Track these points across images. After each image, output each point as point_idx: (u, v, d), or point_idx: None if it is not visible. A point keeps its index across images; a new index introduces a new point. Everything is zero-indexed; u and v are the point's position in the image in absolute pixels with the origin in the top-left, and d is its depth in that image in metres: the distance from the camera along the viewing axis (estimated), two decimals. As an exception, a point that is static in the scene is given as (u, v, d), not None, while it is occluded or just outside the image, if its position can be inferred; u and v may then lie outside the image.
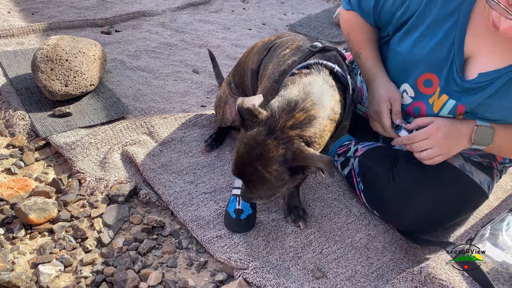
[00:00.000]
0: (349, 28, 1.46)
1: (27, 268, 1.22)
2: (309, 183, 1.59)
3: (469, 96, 1.18)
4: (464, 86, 1.17)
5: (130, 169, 1.59)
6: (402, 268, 1.31)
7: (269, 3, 3.54)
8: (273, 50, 1.38)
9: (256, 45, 1.55)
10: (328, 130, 1.11)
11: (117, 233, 1.36)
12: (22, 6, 2.80)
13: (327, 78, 1.16)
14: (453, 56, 1.18)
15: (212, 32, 2.85)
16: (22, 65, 2.11)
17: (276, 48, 1.37)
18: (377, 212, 1.44)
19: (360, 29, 1.42)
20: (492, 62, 1.14)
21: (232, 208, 1.35)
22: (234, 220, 1.34)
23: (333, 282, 1.24)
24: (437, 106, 1.25)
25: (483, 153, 1.35)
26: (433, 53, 1.20)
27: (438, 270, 1.07)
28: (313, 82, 1.13)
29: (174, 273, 1.25)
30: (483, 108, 1.18)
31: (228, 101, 1.63)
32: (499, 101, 1.15)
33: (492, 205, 1.56)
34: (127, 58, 2.36)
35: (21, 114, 1.77)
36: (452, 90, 1.20)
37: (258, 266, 1.22)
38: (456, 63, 1.17)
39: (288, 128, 1.04)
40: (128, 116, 1.87)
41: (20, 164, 1.57)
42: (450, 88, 1.20)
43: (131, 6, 3.05)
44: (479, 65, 1.16)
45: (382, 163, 1.41)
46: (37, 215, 1.33)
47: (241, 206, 1.34)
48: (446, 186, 1.31)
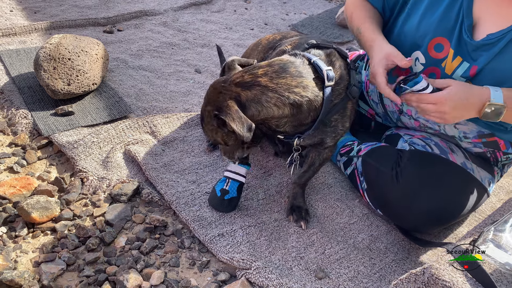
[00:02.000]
0: (353, 7, 1.48)
1: (30, 266, 1.22)
2: (312, 183, 1.59)
3: (481, 54, 1.20)
4: (475, 45, 1.20)
5: (132, 168, 1.59)
6: (404, 269, 1.31)
7: (271, 3, 3.54)
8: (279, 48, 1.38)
9: (261, 42, 1.56)
10: (277, 106, 1.11)
11: (119, 232, 1.36)
12: (25, 5, 2.80)
13: (302, 65, 1.16)
14: (462, 19, 1.22)
15: (214, 32, 2.85)
16: (25, 63, 2.11)
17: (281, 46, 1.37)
18: (381, 210, 1.44)
19: (363, 7, 1.44)
20: (499, 23, 1.17)
21: (219, 187, 1.41)
22: (218, 198, 1.41)
23: (336, 283, 1.24)
24: (450, 68, 1.26)
25: (487, 141, 1.36)
26: (442, 19, 1.25)
27: (441, 271, 1.07)
28: (283, 60, 1.16)
29: (176, 273, 1.25)
30: (494, 68, 1.18)
31: None
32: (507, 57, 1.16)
33: (495, 207, 1.56)
34: (129, 57, 2.36)
35: (23, 113, 1.77)
36: (464, 51, 1.23)
37: (261, 266, 1.22)
38: (465, 25, 1.21)
39: (233, 84, 1.11)
40: (131, 115, 1.87)
41: (22, 163, 1.56)
42: (462, 49, 1.23)
43: (133, 5, 3.05)
44: (487, 27, 1.20)
45: (385, 162, 1.41)
46: (40, 213, 1.33)
47: (229, 188, 1.41)
48: (448, 184, 1.32)
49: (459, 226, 1.47)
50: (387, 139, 1.58)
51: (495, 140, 1.36)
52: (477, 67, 1.21)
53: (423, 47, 1.30)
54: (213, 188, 1.43)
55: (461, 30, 1.23)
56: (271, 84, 1.11)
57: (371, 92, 1.61)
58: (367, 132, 1.76)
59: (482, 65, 1.20)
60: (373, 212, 1.51)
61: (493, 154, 1.40)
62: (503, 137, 1.35)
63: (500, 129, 1.33)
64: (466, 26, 1.22)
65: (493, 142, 1.37)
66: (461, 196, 1.34)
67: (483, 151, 1.40)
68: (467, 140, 1.39)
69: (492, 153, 1.40)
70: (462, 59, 1.24)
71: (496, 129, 1.33)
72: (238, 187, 1.42)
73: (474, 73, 1.22)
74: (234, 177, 1.41)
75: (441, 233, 1.44)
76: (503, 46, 1.16)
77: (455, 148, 1.41)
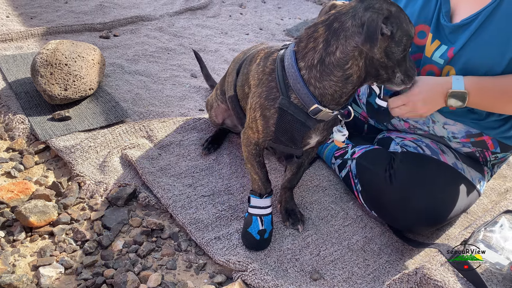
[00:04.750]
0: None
1: (28, 270, 1.23)
2: (306, 186, 1.61)
3: (457, 36, 1.27)
4: (451, 27, 1.28)
5: (129, 173, 1.61)
6: (398, 270, 1.33)
7: (266, 8, 3.58)
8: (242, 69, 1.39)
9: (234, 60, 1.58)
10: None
11: (116, 235, 1.37)
12: (21, 11, 2.82)
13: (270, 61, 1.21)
14: (440, 6, 1.31)
15: (209, 37, 2.87)
16: (21, 69, 2.12)
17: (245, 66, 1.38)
18: (375, 212, 1.47)
19: None
20: (473, 8, 1.25)
21: (256, 230, 1.33)
22: (258, 241, 1.32)
23: (330, 284, 1.26)
24: (429, 51, 1.33)
25: (475, 140, 1.40)
26: (423, 8, 1.34)
27: (433, 271, 1.09)
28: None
29: (173, 275, 1.27)
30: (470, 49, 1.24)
31: (213, 105, 1.67)
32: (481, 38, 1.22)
33: (487, 208, 1.59)
34: (126, 62, 2.37)
35: (20, 118, 1.79)
36: (442, 35, 1.30)
37: (257, 268, 1.24)
38: (443, 11, 1.30)
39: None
40: (127, 120, 1.89)
41: (20, 168, 1.58)
42: (440, 33, 1.31)
43: (129, 10, 3.07)
44: (463, 12, 1.28)
45: (379, 164, 1.44)
46: (38, 218, 1.34)
47: (265, 226, 1.34)
48: (441, 184, 1.35)
49: (451, 227, 1.50)
50: (379, 142, 1.61)
51: (483, 139, 1.40)
52: (454, 48, 1.27)
53: None
54: (247, 232, 1.33)
55: (439, 16, 1.31)
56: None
57: (361, 95, 1.64)
58: (360, 135, 1.78)
59: (459, 46, 1.25)
60: (367, 214, 1.53)
61: (482, 153, 1.43)
62: (491, 134, 1.38)
63: (487, 126, 1.37)
64: (444, 12, 1.30)
65: (481, 142, 1.40)
66: (453, 196, 1.36)
67: (472, 150, 1.43)
68: (456, 140, 1.42)
69: (481, 153, 1.43)
70: (440, 43, 1.31)
71: (483, 127, 1.38)
72: (271, 220, 1.38)
73: (452, 55, 1.27)
74: (265, 213, 1.36)
75: (434, 234, 1.46)
76: (477, 27, 1.22)
77: (445, 149, 1.44)
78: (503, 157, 1.47)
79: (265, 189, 1.37)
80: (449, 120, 1.40)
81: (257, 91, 1.22)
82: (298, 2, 3.83)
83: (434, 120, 1.43)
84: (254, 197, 1.37)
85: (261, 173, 1.35)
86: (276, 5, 3.71)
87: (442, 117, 1.40)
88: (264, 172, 1.36)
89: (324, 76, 1.10)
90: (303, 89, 1.12)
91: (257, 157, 1.34)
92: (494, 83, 1.22)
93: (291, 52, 1.14)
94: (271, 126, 1.21)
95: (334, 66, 1.08)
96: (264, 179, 1.36)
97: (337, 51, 1.06)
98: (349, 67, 1.07)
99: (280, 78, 1.16)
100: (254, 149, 1.32)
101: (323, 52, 1.08)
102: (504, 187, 1.71)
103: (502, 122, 1.36)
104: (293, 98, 1.15)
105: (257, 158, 1.34)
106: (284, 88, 1.15)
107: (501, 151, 1.43)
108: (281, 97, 1.16)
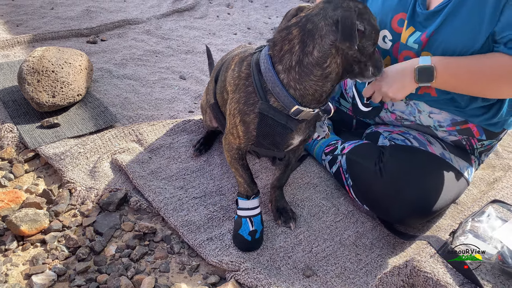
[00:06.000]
0: None
1: (21, 279, 1.23)
2: (297, 183, 1.62)
3: (430, 22, 1.30)
4: (426, 14, 1.31)
5: (120, 177, 1.61)
6: (390, 263, 1.34)
7: (253, 7, 3.58)
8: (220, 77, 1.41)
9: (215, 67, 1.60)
10: None
11: (109, 240, 1.37)
12: (6, 18, 2.80)
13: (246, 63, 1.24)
14: None
15: (197, 38, 2.87)
16: (8, 77, 2.11)
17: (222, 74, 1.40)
18: (367, 205, 1.48)
19: None
20: None
21: (246, 231, 1.34)
22: (250, 242, 1.33)
23: (323, 280, 1.27)
24: (404, 37, 1.36)
25: (460, 128, 1.42)
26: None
27: (422, 263, 1.10)
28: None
29: (167, 278, 1.27)
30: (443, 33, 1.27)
31: (207, 110, 1.67)
32: (453, 22, 1.25)
33: (476, 198, 1.60)
34: (114, 66, 2.37)
35: (9, 127, 1.78)
36: (416, 22, 1.34)
37: (249, 267, 1.25)
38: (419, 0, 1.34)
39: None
40: (116, 124, 1.89)
41: (9, 177, 1.57)
42: (415, 20, 1.34)
43: (116, 14, 3.06)
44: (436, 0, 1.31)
45: (368, 158, 1.46)
46: (29, 226, 1.34)
47: (255, 226, 1.34)
48: (430, 175, 1.37)
49: (442, 218, 1.51)
50: (367, 137, 1.62)
51: (468, 127, 1.42)
52: (426, 33, 1.30)
53: (388, 25, 1.41)
54: (238, 234, 1.34)
55: (415, 4, 1.34)
56: None
57: (348, 89, 1.65)
58: (349, 131, 1.80)
59: (431, 30, 1.28)
60: (359, 209, 1.54)
61: (468, 141, 1.46)
62: (475, 121, 1.40)
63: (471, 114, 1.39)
64: (420, 0, 1.34)
65: (466, 129, 1.43)
66: (443, 185, 1.38)
67: (458, 139, 1.45)
68: (442, 129, 1.45)
69: (467, 141, 1.45)
70: (414, 29, 1.34)
71: (467, 114, 1.40)
72: (261, 219, 1.39)
73: (426, 39, 1.30)
74: (254, 214, 1.37)
75: (425, 226, 1.48)
76: (450, 11, 1.25)
77: (432, 140, 1.46)
78: (490, 145, 1.49)
79: (251, 190, 1.38)
80: (434, 109, 1.42)
81: (234, 97, 1.23)
82: (285, 0, 3.83)
83: (420, 109, 1.45)
84: (241, 199, 1.38)
85: (245, 176, 1.36)
86: (263, 4, 3.71)
87: (427, 106, 1.43)
88: (248, 174, 1.37)
89: (303, 77, 1.10)
90: (283, 92, 1.13)
91: (240, 160, 1.35)
92: (460, 60, 1.25)
93: (267, 56, 1.15)
94: (252, 131, 1.22)
95: (313, 65, 1.09)
96: (249, 180, 1.37)
97: (314, 50, 1.07)
98: (328, 65, 1.09)
99: (257, 83, 1.16)
100: (236, 154, 1.33)
101: (300, 53, 1.09)
102: (493, 177, 1.73)
103: (485, 110, 1.38)
104: (273, 101, 1.16)
105: (240, 162, 1.35)
106: (263, 92, 1.16)
107: (487, 138, 1.45)
108: (260, 101, 1.16)
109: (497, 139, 1.49)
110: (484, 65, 1.22)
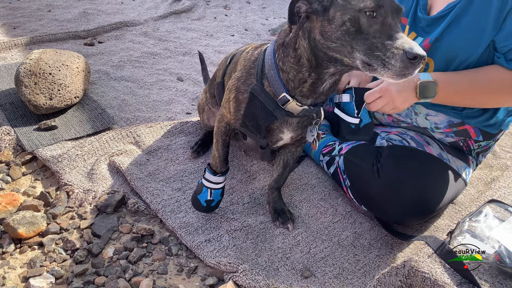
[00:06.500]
0: None
1: (18, 282, 1.23)
2: (295, 184, 1.62)
3: (433, 28, 1.31)
4: (428, 19, 1.32)
5: (117, 179, 1.60)
6: (388, 264, 1.34)
7: (250, 9, 3.58)
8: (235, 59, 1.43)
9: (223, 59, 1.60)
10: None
11: (107, 243, 1.37)
12: (3, 21, 2.80)
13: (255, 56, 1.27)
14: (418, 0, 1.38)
15: (195, 40, 2.88)
16: (5, 80, 2.11)
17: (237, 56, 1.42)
18: (365, 206, 1.48)
19: None
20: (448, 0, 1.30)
21: (204, 198, 1.42)
22: (203, 207, 1.44)
23: (321, 281, 1.27)
24: None
25: (457, 130, 1.43)
26: (402, 2, 1.38)
27: (420, 263, 1.10)
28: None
29: (165, 280, 1.27)
30: (446, 39, 1.28)
31: (205, 109, 1.68)
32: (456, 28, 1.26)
33: (474, 198, 1.60)
34: (111, 68, 2.37)
35: (6, 129, 1.78)
36: (418, 27, 1.35)
37: (248, 268, 1.25)
38: (420, 5, 1.35)
39: None
40: (114, 126, 1.88)
41: (7, 179, 1.57)
42: (416, 25, 1.35)
43: (113, 17, 3.06)
44: (438, 5, 1.32)
45: (366, 158, 1.46)
46: (26, 229, 1.34)
47: (213, 197, 1.42)
48: (427, 175, 1.37)
49: (440, 218, 1.51)
50: (365, 137, 1.62)
51: (465, 128, 1.43)
52: (429, 39, 1.30)
53: None
54: (196, 198, 1.43)
55: (417, 9, 1.35)
56: None
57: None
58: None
59: (435, 37, 1.29)
60: (356, 210, 1.54)
61: (465, 143, 1.46)
62: (471, 123, 1.41)
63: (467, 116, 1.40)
64: (421, 5, 1.35)
65: (463, 131, 1.43)
66: (441, 186, 1.38)
67: (455, 140, 1.46)
68: (439, 131, 1.45)
69: (464, 142, 1.46)
70: (416, 34, 1.35)
71: (464, 116, 1.41)
72: (221, 192, 1.45)
73: (429, 45, 1.31)
74: (216, 187, 1.42)
75: (422, 227, 1.48)
76: (453, 18, 1.26)
77: (430, 141, 1.46)
78: (486, 146, 1.50)
79: (220, 167, 1.42)
80: (431, 111, 1.42)
81: (237, 75, 1.28)
82: (283, 2, 3.84)
83: (416, 112, 1.45)
84: (209, 172, 1.42)
85: (221, 151, 1.40)
86: (260, 5, 3.72)
87: (424, 108, 1.43)
88: (225, 152, 1.41)
89: (285, 57, 1.14)
90: (275, 75, 1.16)
91: (224, 135, 1.38)
92: (460, 76, 1.27)
93: (273, 42, 1.20)
94: (241, 110, 1.25)
95: (289, 46, 1.12)
96: (223, 158, 1.41)
97: (292, 32, 1.11)
98: (297, 47, 1.10)
99: (259, 66, 1.21)
100: (224, 127, 1.36)
101: (286, 35, 1.14)
102: (490, 176, 1.74)
103: (482, 112, 1.38)
104: (266, 85, 1.19)
105: (223, 136, 1.39)
106: (260, 74, 1.20)
107: (484, 139, 1.45)
108: (254, 82, 1.20)
109: (494, 139, 1.49)
110: (483, 79, 1.25)
